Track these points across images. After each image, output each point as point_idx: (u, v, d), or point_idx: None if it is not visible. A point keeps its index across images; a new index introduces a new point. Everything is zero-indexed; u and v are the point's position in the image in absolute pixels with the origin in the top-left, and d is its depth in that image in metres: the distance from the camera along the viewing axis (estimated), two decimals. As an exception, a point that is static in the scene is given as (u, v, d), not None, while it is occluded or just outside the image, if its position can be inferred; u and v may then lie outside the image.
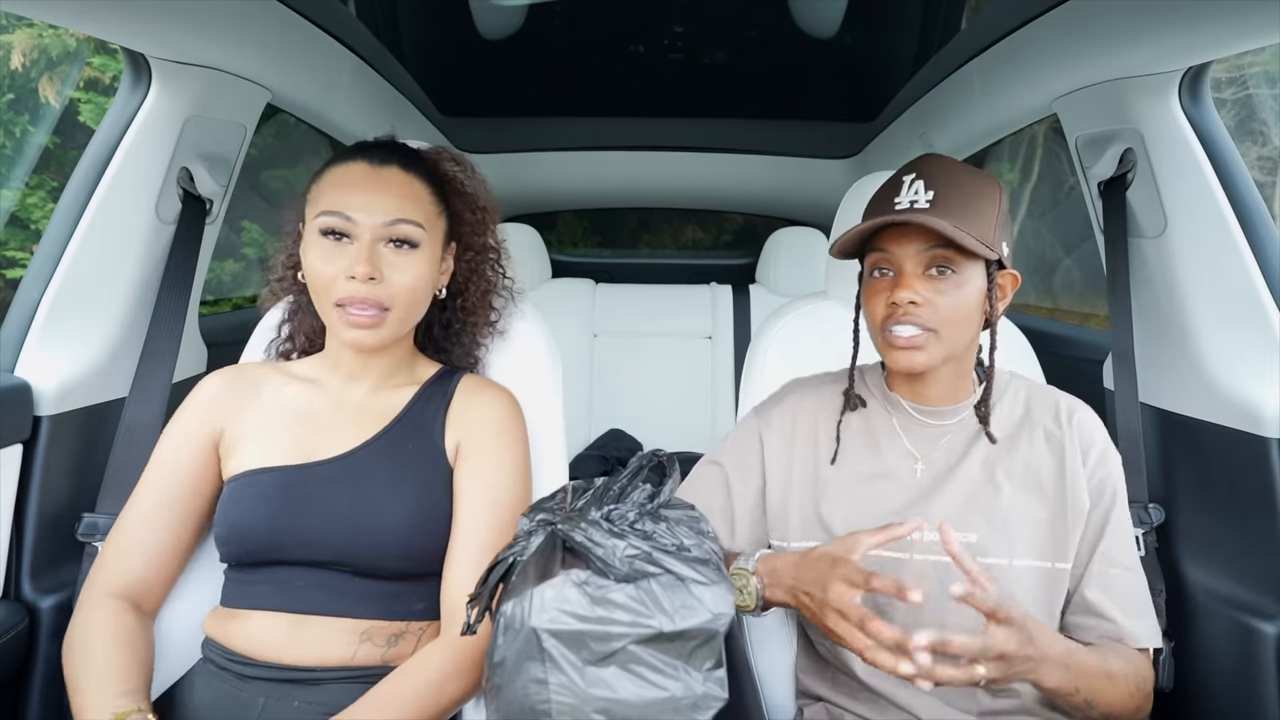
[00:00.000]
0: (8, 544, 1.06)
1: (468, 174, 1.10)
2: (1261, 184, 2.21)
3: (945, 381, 0.99)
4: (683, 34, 2.23)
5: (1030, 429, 0.99)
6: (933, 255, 0.91)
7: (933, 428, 1.00)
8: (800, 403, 1.07)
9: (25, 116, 2.91)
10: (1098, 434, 0.98)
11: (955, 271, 0.91)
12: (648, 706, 0.67)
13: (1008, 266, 0.96)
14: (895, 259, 0.93)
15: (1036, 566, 0.93)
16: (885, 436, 1.01)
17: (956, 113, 1.64)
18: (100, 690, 0.84)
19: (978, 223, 0.91)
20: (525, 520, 0.78)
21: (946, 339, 0.92)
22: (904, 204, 0.92)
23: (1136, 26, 1.02)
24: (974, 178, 0.93)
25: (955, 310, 0.91)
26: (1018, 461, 0.97)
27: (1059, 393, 1.04)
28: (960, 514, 0.94)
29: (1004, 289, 0.97)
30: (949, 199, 0.90)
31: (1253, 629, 1.01)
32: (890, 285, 0.93)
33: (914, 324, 0.91)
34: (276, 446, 0.97)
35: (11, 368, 1.10)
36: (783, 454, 1.04)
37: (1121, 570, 0.94)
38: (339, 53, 1.47)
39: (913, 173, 0.94)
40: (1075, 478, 0.95)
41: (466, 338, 1.13)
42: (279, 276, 1.10)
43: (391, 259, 0.94)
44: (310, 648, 0.90)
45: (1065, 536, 0.93)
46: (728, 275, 2.69)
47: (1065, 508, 0.94)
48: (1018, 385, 1.04)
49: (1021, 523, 0.94)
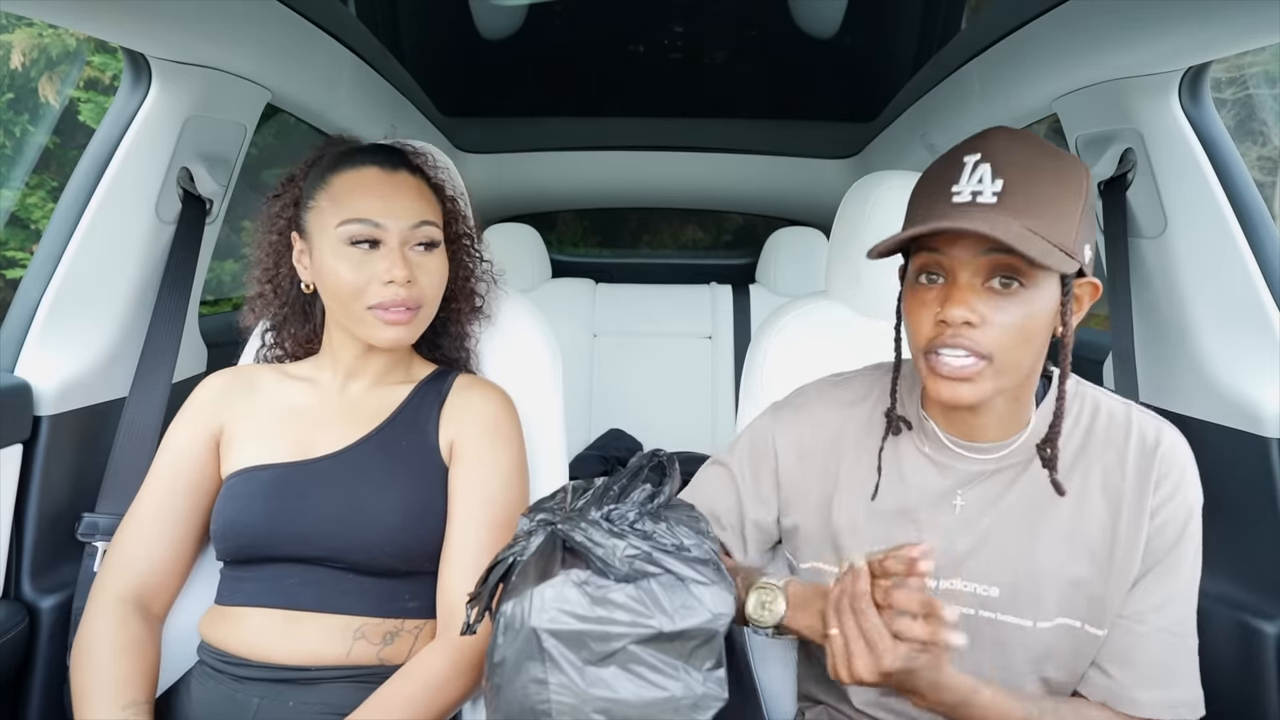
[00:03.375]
0: (8, 544, 1.06)
1: (430, 164, 1.09)
2: (1261, 184, 2.21)
3: (996, 413, 0.82)
4: (683, 34, 2.23)
5: (1085, 469, 0.82)
6: (995, 262, 0.73)
7: (971, 462, 0.84)
8: (823, 414, 0.94)
9: (25, 116, 2.91)
10: (1176, 464, 0.80)
11: (1024, 284, 0.73)
12: (648, 706, 0.67)
13: (1088, 274, 0.76)
14: (949, 263, 0.74)
15: (1063, 625, 0.81)
16: (912, 469, 0.87)
17: (956, 113, 1.64)
18: (104, 701, 0.84)
19: (1059, 223, 0.71)
20: (525, 520, 0.78)
21: (1003, 368, 0.74)
22: (964, 195, 0.73)
23: (1136, 26, 1.02)
24: (1056, 161, 0.73)
25: (1019, 333, 0.73)
26: (1063, 508, 0.81)
27: (1138, 416, 0.83)
28: (985, 565, 0.81)
29: (1080, 301, 0.78)
30: (1023, 191, 0.71)
31: (1253, 629, 1.01)
32: (941, 296, 0.75)
33: (966, 348, 0.73)
34: (273, 444, 0.98)
35: (11, 368, 1.10)
36: (798, 469, 0.94)
37: (1154, 630, 0.79)
38: (339, 53, 1.47)
39: (976, 153, 0.74)
40: (1131, 538, 0.79)
41: (454, 326, 1.14)
42: (257, 293, 1.07)
43: (418, 260, 0.97)
44: (305, 646, 0.90)
45: (1103, 602, 0.80)
46: (728, 275, 2.69)
47: (1110, 571, 0.80)
48: (1081, 404, 0.84)
49: (1055, 582, 0.80)
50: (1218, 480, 1.12)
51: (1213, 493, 1.12)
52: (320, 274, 0.97)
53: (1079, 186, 0.73)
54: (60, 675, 1.06)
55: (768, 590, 0.84)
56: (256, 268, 1.07)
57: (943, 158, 0.78)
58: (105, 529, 1.08)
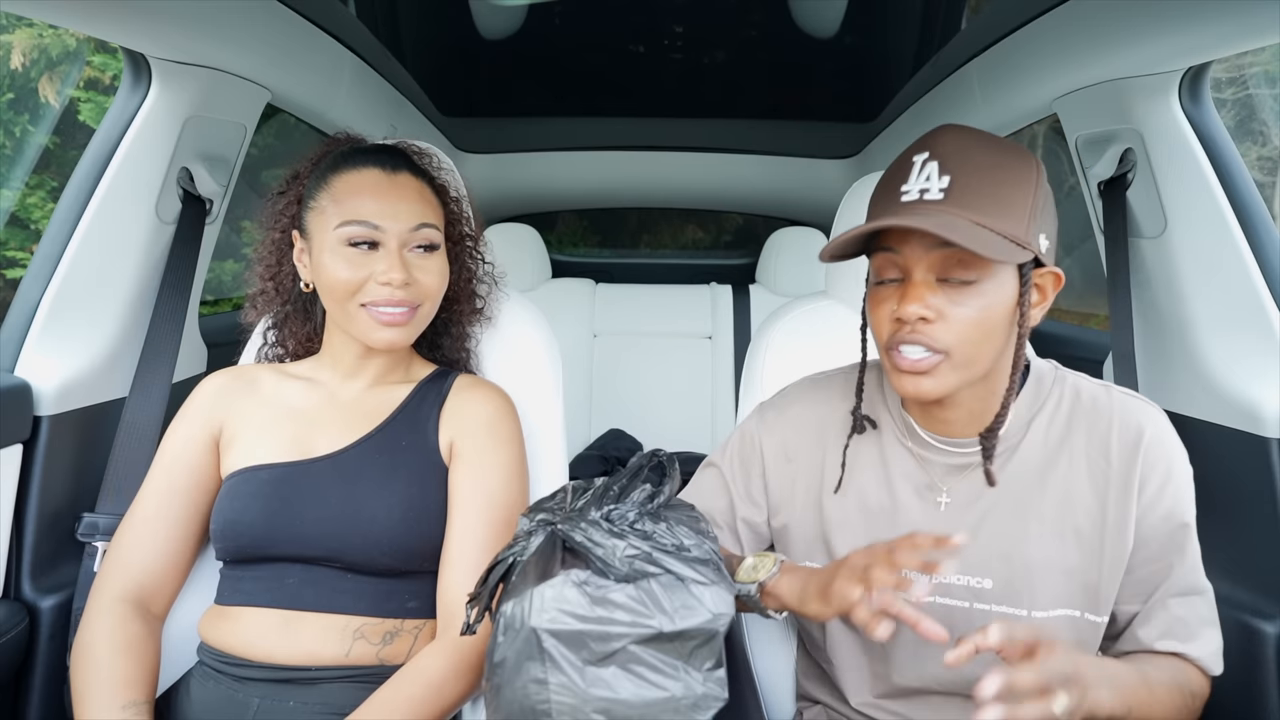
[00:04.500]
0: (8, 544, 1.06)
1: (434, 165, 1.09)
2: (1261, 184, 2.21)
3: (967, 406, 0.82)
4: (683, 34, 2.24)
5: (1070, 454, 0.82)
6: (947, 257, 0.74)
7: (952, 455, 0.85)
8: (804, 413, 0.95)
9: (25, 116, 2.91)
10: (1162, 459, 0.81)
11: (978, 278, 0.74)
12: (648, 706, 0.67)
13: (1047, 264, 0.77)
14: (903, 261, 0.76)
15: (1062, 616, 0.81)
16: (897, 465, 0.88)
17: (956, 113, 1.64)
18: (104, 701, 0.84)
19: (1007, 215, 0.73)
20: (525, 520, 0.78)
21: (961, 361, 0.76)
22: (912, 194, 0.74)
23: (1136, 26, 1.02)
24: (1001, 153, 0.75)
25: (975, 327, 0.74)
26: (1049, 497, 0.82)
27: (1126, 401, 0.84)
28: (976, 556, 0.82)
29: (1043, 290, 0.80)
30: (970, 186, 0.73)
31: (1253, 629, 1.01)
32: (897, 294, 0.77)
33: (923, 344, 0.75)
34: (272, 444, 0.97)
35: (11, 368, 1.10)
36: (785, 470, 0.94)
37: (1178, 597, 0.82)
38: (339, 53, 1.47)
39: (924, 151, 0.76)
40: (1120, 520, 0.80)
41: (455, 328, 1.14)
42: (259, 290, 1.08)
43: (417, 261, 0.97)
44: (304, 646, 0.90)
45: (1098, 587, 0.81)
46: (728, 275, 2.69)
47: (1102, 555, 0.81)
48: (1061, 390, 0.85)
49: (1047, 570, 0.81)
50: (1218, 480, 1.12)
51: (1213, 493, 1.13)
52: (318, 273, 0.97)
53: (1028, 178, 0.75)
54: (60, 675, 1.06)
55: (763, 556, 0.87)
56: (259, 264, 1.07)
57: (896, 160, 0.79)
58: (105, 529, 1.08)
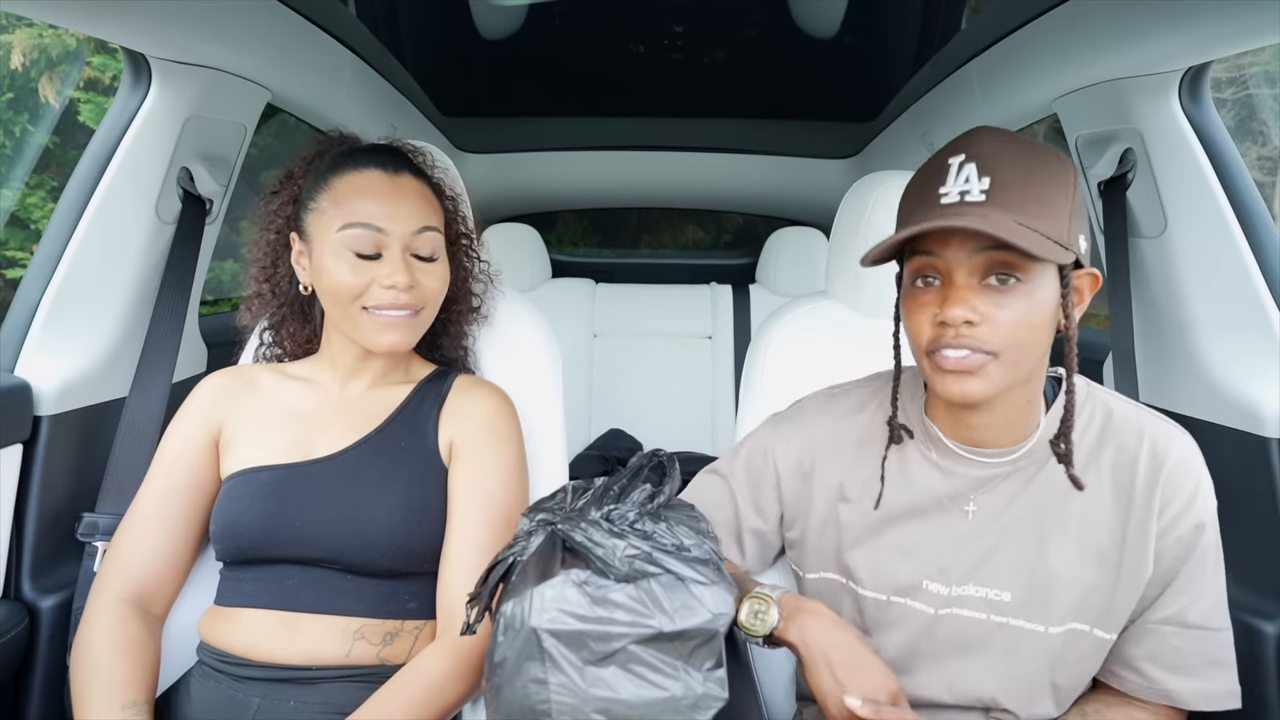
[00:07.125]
0: (8, 544, 1.06)
1: (429, 164, 1.09)
2: (1261, 184, 2.21)
3: (1004, 415, 0.80)
4: (683, 34, 2.24)
5: (1097, 472, 0.81)
6: (991, 259, 0.72)
7: (982, 466, 0.83)
8: (823, 427, 0.93)
9: (25, 116, 2.91)
10: (1187, 480, 0.79)
11: (1021, 279, 0.73)
12: (648, 706, 0.67)
13: (1085, 265, 0.76)
14: (944, 264, 0.74)
15: (1073, 629, 0.80)
16: (920, 476, 0.86)
17: (956, 113, 1.64)
18: (104, 701, 0.84)
19: (1048, 216, 0.71)
20: (525, 520, 0.78)
21: (1010, 363, 0.74)
22: (952, 196, 0.73)
23: (1136, 26, 1.02)
24: (1040, 156, 0.73)
25: (1021, 327, 0.73)
26: (1074, 514, 0.80)
27: (1156, 425, 0.82)
28: (998, 569, 0.81)
29: (1081, 292, 0.78)
30: (1010, 187, 0.71)
31: (1253, 629, 1.01)
32: (938, 298, 0.75)
33: (970, 347, 0.73)
34: (272, 445, 0.97)
35: (11, 368, 1.10)
36: (801, 484, 0.93)
37: (1179, 628, 0.80)
38: (339, 53, 1.47)
39: (960, 153, 0.74)
40: (1140, 541, 0.79)
41: (453, 327, 1.14)
42: (255, 292, 1.07)
43: (418, 264, 0.97)
44: (304, 646, 0.90)
45: (1112, 605, 0.80)
46: (728, 275, 2.69)
47: (1119, 575, 0.79)
48: (1093, 408, 0.84)
49: (1067, 586, 0.80)
50: (1217, 480, 1.11)
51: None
52: (319, 276, 0.96)
53: (1066, 180, 0.73)
54: (60, 675, 1.06)
55: (761, 600, 0.84)
56: (254, 266, 1.06)
57: (927, 163, 0.78)
58: (105, 529, 1.08)
